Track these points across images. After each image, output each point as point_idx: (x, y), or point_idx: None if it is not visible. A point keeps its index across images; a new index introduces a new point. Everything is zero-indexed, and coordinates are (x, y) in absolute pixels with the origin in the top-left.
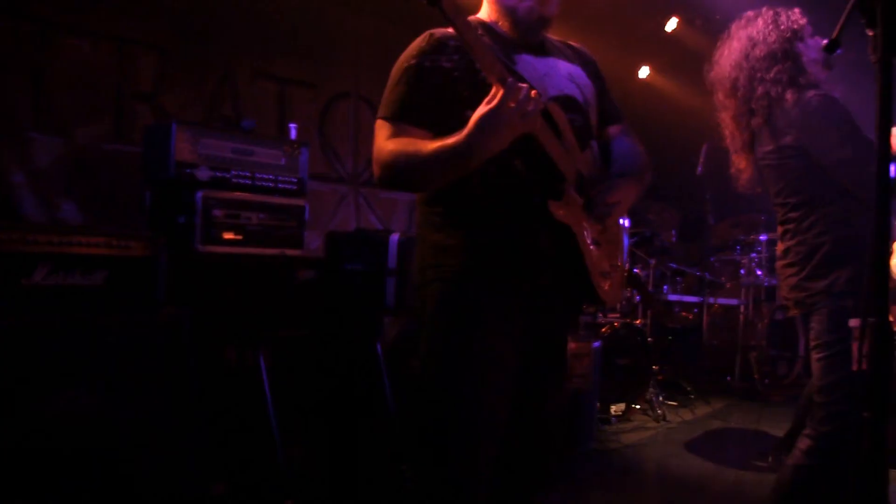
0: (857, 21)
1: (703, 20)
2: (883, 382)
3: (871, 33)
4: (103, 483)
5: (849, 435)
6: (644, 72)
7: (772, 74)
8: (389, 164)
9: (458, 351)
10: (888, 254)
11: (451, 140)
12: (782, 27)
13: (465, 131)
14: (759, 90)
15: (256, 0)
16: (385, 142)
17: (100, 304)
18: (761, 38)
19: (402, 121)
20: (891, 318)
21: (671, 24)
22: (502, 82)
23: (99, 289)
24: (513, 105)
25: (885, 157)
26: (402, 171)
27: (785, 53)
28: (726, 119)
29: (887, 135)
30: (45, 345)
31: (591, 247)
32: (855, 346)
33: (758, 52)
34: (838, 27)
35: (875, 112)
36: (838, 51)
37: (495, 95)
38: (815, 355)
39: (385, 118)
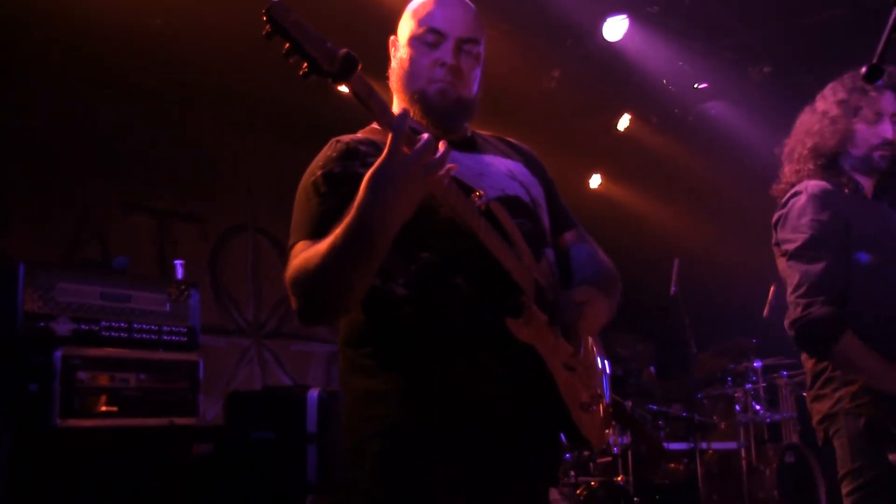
0: None
1: (660, 116)
2: None
3: None
4: None
5: None
6: (595, 180)
7: None
8: (291, 282)
9: None
10: None
11: (343, 221)
12: None
13: (356, 201)
14: None
15: (113, 122)
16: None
17: None
18: None
19: (318, 239)
20: None
21: (623, 123)
22: (390, 127)
23: None
24: (407, 152)
25: None
26: (304, 283)
27: None
28: None
29: None
30: None
31: (565, 373)
32: None
33: None
34: (879, 50)
35: None
36: (879, 81)
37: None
38: (843, 490)
39: (298, 243)
